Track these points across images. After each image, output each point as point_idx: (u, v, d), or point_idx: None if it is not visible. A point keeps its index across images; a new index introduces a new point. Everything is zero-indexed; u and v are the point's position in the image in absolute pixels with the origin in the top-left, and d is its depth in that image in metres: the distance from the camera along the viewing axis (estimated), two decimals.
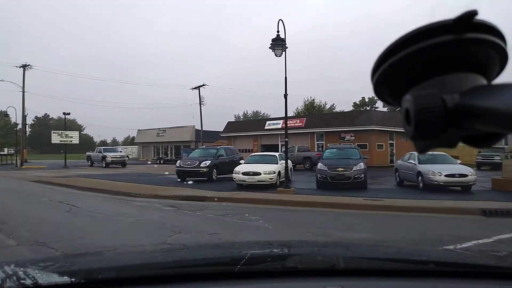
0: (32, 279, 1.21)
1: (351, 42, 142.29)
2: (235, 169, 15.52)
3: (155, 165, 33.48)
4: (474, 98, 0.45)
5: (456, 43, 0.47)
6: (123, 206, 11.01)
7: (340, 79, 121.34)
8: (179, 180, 17.95)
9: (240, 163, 16.65)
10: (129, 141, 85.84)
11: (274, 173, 15.07)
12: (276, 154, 17.93)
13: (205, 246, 2.76)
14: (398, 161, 17.59)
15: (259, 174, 14.72)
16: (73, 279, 1.22)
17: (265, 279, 1.37)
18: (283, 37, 12.79)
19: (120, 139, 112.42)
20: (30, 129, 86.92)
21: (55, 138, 34.98)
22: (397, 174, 17.08)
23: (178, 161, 19.66)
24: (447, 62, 0.49)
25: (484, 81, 0.50)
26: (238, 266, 1.36)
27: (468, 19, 0.45)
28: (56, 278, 1.24)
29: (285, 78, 13.17)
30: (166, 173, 21.10)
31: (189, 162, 18.61)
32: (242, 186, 14.78)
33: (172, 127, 50.50)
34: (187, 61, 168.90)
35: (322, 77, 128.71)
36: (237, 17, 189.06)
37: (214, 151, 19.94)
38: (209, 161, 18.24)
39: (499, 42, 0.48)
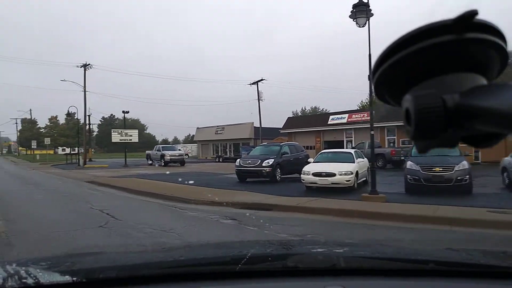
0: (34, 278, 1.22)
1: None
2: (303, 169, 13.26)
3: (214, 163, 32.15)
4: (474, 98, 0.45)
5: (456, 43, 0.47)
6: (172, 217, 9.05)
7: None
8: (238, 181, 16.23)
9: (308, 162, 14.43)
10: (190, 140, 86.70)
11: (352, 173, 12.53)
12: (352, 151, 15.28)
13: (206, 245, 2.57)
14: (506, 158, 14.29)
15: (333, 175, 12.29)
16: (74, 278, 1.22)
17: (266, 278, 1.35)
18: (366, 1, 10.07)
19: (181, 137, 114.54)
20: (97, 129, 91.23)
21: (115, 137, 35.02)
22: (505, 174, 14.10)
23: (238, 160, 17.60)
24: (447, 62, 0.48)
25: (484, 81, 0.49)
26: (239, 265, 1.34)
27: (468, 19, 0.45)
28: (57, 277, 1.24)
29: (369, 55, 10.49)
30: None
31: (249, 161, 16.57)
32: (312, 189, 12.54)
33: (230, 124, 49.20)
34: (244, 62, 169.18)
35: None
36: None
37: (277, 148, 17.70)
38: (272, 160, 16.05)
39: (499, 42, 0.48)
